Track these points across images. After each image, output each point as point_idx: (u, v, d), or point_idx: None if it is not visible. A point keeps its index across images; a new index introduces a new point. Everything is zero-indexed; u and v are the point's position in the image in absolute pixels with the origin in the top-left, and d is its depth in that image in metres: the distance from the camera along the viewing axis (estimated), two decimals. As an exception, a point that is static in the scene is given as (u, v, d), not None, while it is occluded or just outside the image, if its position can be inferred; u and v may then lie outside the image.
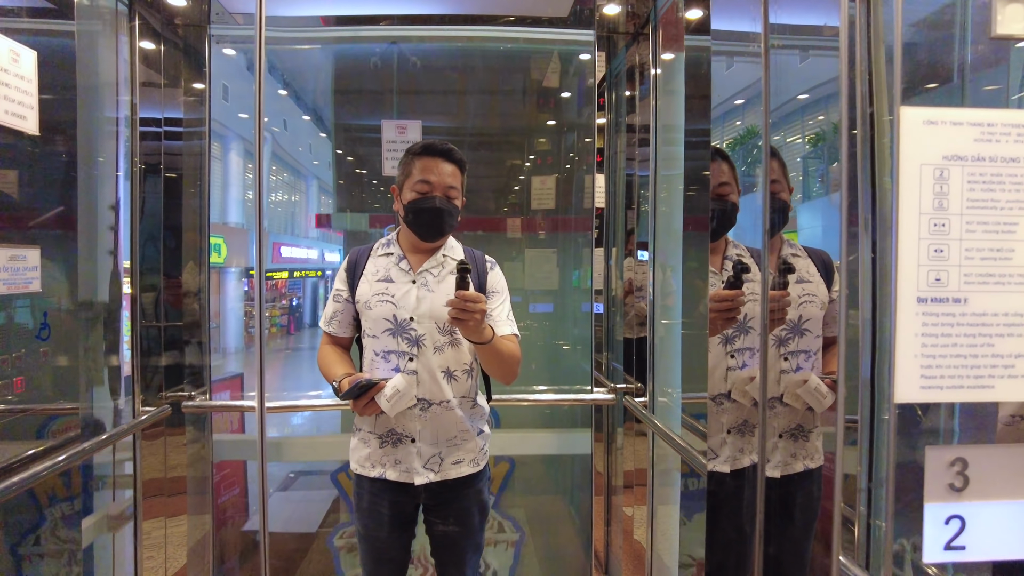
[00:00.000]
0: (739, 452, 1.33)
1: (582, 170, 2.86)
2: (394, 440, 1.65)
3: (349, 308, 1.75)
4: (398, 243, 1.74)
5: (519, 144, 3.01)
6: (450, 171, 1.65)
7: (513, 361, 1.64)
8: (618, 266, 2.55)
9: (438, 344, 1.63)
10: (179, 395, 2.25)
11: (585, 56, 2.65)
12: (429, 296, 1.64)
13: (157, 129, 2.15)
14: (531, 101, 2.95)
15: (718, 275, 1.38)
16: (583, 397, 2.29)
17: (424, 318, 1.62)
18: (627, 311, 2.43)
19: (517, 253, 2.86)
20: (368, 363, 1.69)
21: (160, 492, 2.23)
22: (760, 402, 0.83)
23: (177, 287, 2.25)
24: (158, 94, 2.14)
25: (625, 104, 2.46)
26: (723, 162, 1.36)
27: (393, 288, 1.66)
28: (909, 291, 0.63)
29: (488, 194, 2.98)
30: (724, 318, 1.29)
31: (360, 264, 1.75)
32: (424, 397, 1.62)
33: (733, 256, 1.38)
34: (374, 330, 1.66)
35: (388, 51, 2.78)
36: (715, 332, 1.33)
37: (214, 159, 7.32)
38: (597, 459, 2.54)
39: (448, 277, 1.67)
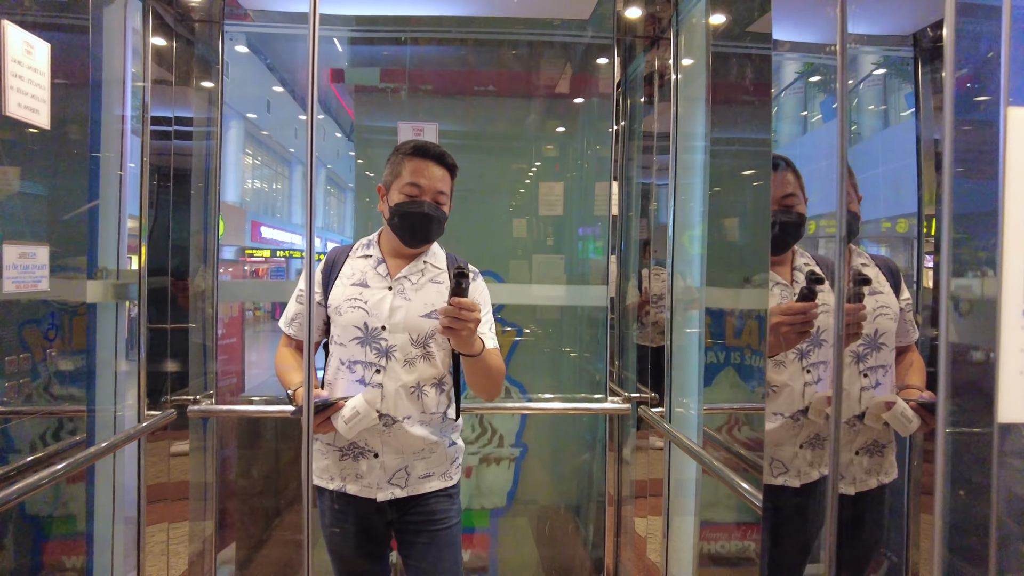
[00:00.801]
0: (809, 466, 1.30)
1: (592, 176, 2.83)
2: (355, 454, 1.54)
3: (320, 312, 1.63)
4: (378, 245, 1.64)
5: (526, 149, 2.98)
6: (441, 176, 1.57)
7: (499, 375, 1.58)
8: (633, 274, 2.51)
9: (409, 357, 1.52)
10: (184, 399, 2.20)
11: (602, 60, 2.62)
12: (405, 305, 1.53)
13: (167, 128, 2.10)
14: (543, 105, 2.92)
15: (788, 287, 1.34)
16: (596, 407, 2.25)
17: (397, 328, 1.52)
18: (643, 320, 2.40)
19: (523, 253, 2.82)
20: (332, 372, 1.58)
21: (163, 497, 2.18)
22: (833, 418, 0.78)
23: (184, 289, 2.20)
24: (169, 92, 2.10)
25: (641, 110, 2.43)
26: (788, 171, 1.31)
27: (367, 294, 1.55)
28: (1015, 303, 0.60)
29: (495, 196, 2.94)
30: (797, 332, 1.23)
31: (337, 265, 1.64)
32: (388, 413, 1.51)
33: (802, 266, 1.34)
34: (342, 337, 1.55)
35: (400, 52, 2.75)
36: (785, 346, 1.27)
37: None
38: (608, 470, 2.50)
39: (427, 285, 1.59)
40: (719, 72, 1.72)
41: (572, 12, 2.26)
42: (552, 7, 2.17)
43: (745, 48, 1.63)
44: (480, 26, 2.53)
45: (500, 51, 2.81)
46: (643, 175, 2.42)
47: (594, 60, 2.69)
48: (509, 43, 2.75)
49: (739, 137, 1.72)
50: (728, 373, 1.76)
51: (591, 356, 2.79)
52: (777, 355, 1.29)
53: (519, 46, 2.75)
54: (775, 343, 1.27)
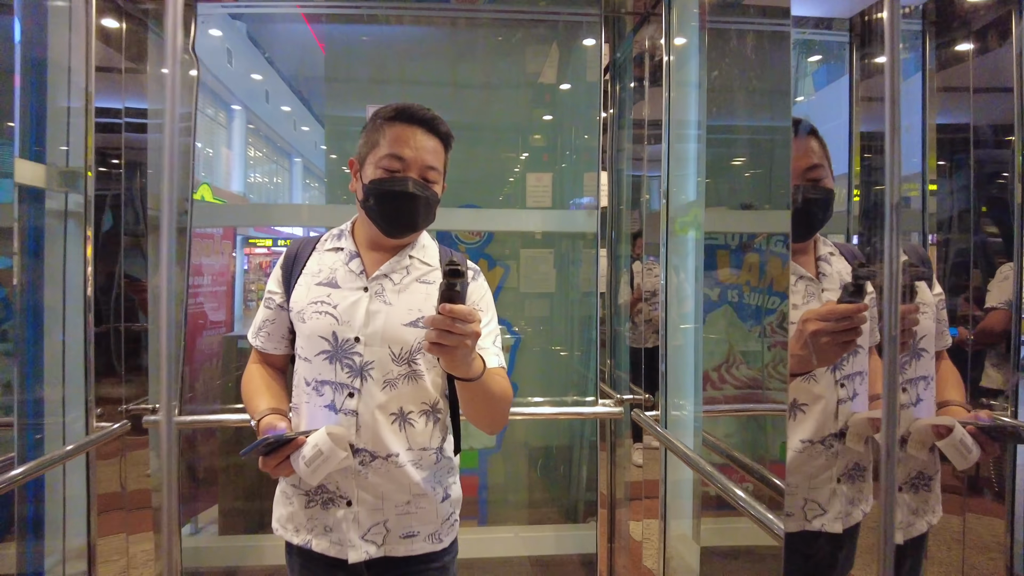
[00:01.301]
0: (850, 504, 1.06)
1: (580, 166, 2.69)
2: (324, 500, 1.23)
3: (283, 317, 1.34)
4: (352, 236, 1.33)
5: (512, 138, 2.84)
6: (431, 147, 1.25)
7: (505, 403, 1.25)
8: (625, 269, 2.39)
9: (390, 376, 1.21)
10: (143, 408, 2.05)
11: (589, 42, 2.47)
12: (384, 310, 1.22)
13: (117, 120, 1.93)
14: (527, 92, 2.77)
15: (815, 282, 1.09)
16: (587, 411, 2.11)
17: (374, 339, 1.21)
18: (636, 318, 2.27)
19: (511, 252, 2.69)
20: (297, 394, 1.28)
21: (120, 506, 2.03)
22: (885, 447, 0.63)
23: (142, 290, 2.04)
24: (118, 80, 1.92)
25: (631, 96, 2.29)
26: (812, 139, 1.07)
27: (337, 296, 1.24)
28: None
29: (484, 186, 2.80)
30: (840, 342, 0.97)
31: (301, 259, 1.33)
32: (365, 448, 1.20)
33: (827, 256, 1.12)
34: (307, 351, 1.25)
35: (375, 31, 2.59)
36: (821, 361, 1.00)
37: (219, 127, 7.25)
38: (601, 473, 2.37)
39: (413, 285, 1.27)
40: (716, 52, 1.58)
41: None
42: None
43: (747, 24, 1.48)
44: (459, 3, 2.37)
45: (482, 33, 2.66)
46: (634, 167, 2.29)
47: (581, 42, 2.54)
48: (492, 26, 2.60)
49: (739, 125, 1.57)
50: (725, 311, 1.62)
51: (582, 355, 2.66)
52: (806, 372, 1.04)
53: (502, 29, 2.60)
54: (804, 358, 0.99)
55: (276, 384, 1.36)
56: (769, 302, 1.33)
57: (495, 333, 1.32)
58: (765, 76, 1.31)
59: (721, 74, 1.54)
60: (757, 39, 1.42)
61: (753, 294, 1.43)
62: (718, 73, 1.55)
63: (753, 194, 1.57)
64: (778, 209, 1.29)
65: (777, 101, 1.34)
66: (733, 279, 1.57)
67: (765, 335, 1.34)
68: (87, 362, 1.90)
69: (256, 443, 1.11)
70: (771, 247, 1.48)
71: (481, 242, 2.66)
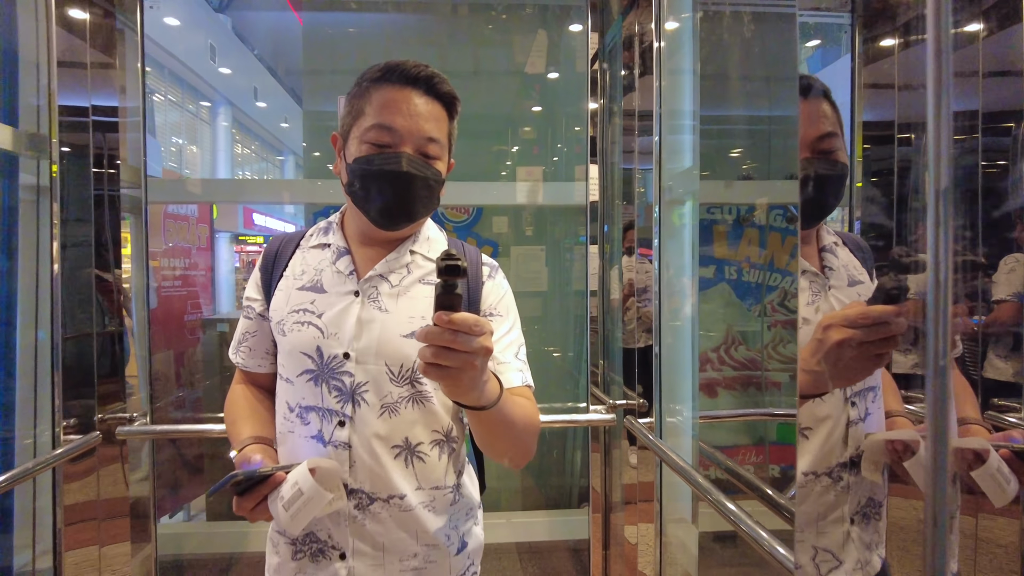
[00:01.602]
0: (867, 549, 0.88)
1: (572, 159, 2.60)
2: (313, 552, 1.03)
3: (265, 329, 1.13)
4: (341, 229, 1.12)
5: (501, 131, 2.74)
6: (430, 113, 1.01)
7: (529, 433, 1.00)
8: (616, 265, 2.30)
9: (389, 400, 1.00)
10: (119, 417, 1.95)
11: (576, 28, 2.37)
12: (379, 319, 1.01)
13: (84, 119, 1.82)
14: (515, 82, 2.68)
15: (820, 278, 0.91)
16: (578, 418, 2.01)
17: (367, 355, 1.00)
18: (627, 316, 2.18)
19: (503, 250, 2.60)
20: (279, 423, 1.08)
21: (93, 516, 1.94)
22: (932, 484, 0.50)
23: (109, 291, 1.94)
24: (83, 76, 1.82)
25: (621, 85, 2.19)
26: (824, 102, 0.89)
27: (322, 303, 1.03)
28: None
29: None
30: (875, 353, 0.75)
31: (282, 259, 1.12)
32: (361, 488, 1.00)
33: (832, 246, 0.94)
34: (289, 370, 1.05)
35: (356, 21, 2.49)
36: (848, 379, 0.81)
37: (203, 123, 7.20)
38: (594, 476, 2.30)
39: (415, 288, 1.05)
40: (710, 36, 1.49)
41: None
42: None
43: (746, 5, 1.38)
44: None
45: (467, 21, 2.56)
46: (625, 159, 2.20)
47: (568, 28, 2.45)
48: (478, 13, 2.50)
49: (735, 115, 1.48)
50: (722, 289, 1.52)
51: (574, 356, 2.58)
52: (820, 394, 0.85)
53: (488, 16, 2.50)
54: (821, 375, 0.79)
55: (262, 407, 1.15)
56: (770, 279, 1.24)
57: (518, 343, 1.09)
58: (765, 61, 1.22)
59: (716, 60, 1.45)
60: (756, 21, 1.33)
61: (753, 271, 1.33)
62: (712, 59, 1.46)
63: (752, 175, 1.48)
64: (776, 180, 1.20)
65: (776, 88, 1.25)
66: (731, 256, 1.47)
67: (766, 314, 1.25)
68: (54, 368, 1.81)
69: (223, 480, 0.90)
70: (771, 221, 1.39)
71: (469, 220, 2.55)
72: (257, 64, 6.88)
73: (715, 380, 1.59)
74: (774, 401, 1.40)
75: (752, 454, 1.64)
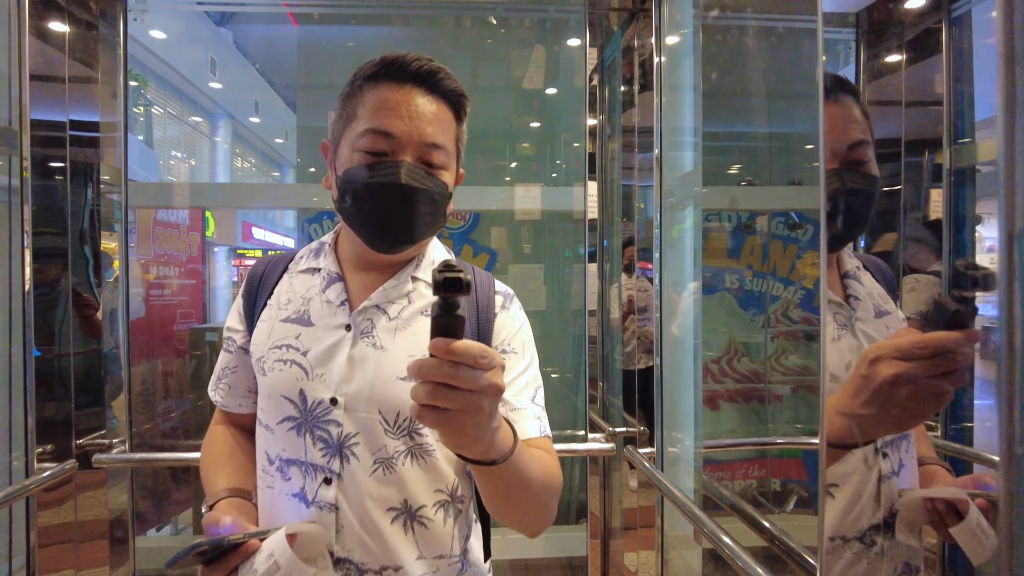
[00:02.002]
0: None
1: (571, 176, 2.54)
2: None
3: (247, 364, 0.99)
4: (334, 251, 0.98)
5: (499, 146, 2.69)
6: (434, 114, 0.87)
7: (548, 494, 0.84)
8: (615, 284, 2.23)
9: (384, 455, 0.86)
10: (98, 443, 1.87)
11: (574, 42, 2.32)
12: (374, 358, 0.87)
13: (60, 134, 1.76)
14: (513, 97, 2.63)
15: (844, 307, 0.79)
16: (576, 448, 1.92)
17: (358, 401, 0.86)
18: (626, 336, 2.10)
19: (500, 266, 2.53)
20: (258, 475, 0.94)
21: (69, 539, 1.85)
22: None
23: (87, 306, 1.86)
24: (60, 90, 1.76)
25: (620, 101, 2.13)
26: (855, 105, 0.78)
27: (308, 337, 0.90)
28: None
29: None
30: (935, 392, 0.62)
31: (268, 284, 0.99)
32: (349, 557, 0.85)
33: (854, 272, 0.82)
34: (268, 416, 0.91)
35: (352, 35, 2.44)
36: (899, 425, 0.68)
37: (202, 136, 7.22)
38: (591, 499, 2.20)
39: (417, 321, 0.90)
40: (712, 51, 1.42)
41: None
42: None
43: (756, 19, 1.31)
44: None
45: (465, 36, 2.51)
46: (625, 176, 2.14)
47: (566, 42, 2.39)
48: (475, 27, 2.45)
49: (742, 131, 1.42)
50: (723, 298, 1.44)
51: (572, 377, 2.50)
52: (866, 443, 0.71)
53: (485, 29, 2.45)
54: (867, 420, 0.66)
55: (243, 453, 1.00)
56: (773, 288, 1.17)
57: (535, 385, 0.93)
58: (770, 75, 1.15)
59: (721, 76, 1.39)
60: (760, 35, 1.27)
61: (756, 280, 1.26)
62: (716, 75, 1.39)
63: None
64: (778, 185, 1.13)
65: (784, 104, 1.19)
66: (732, 264, 1.39)
67: (769, 325, 1.18)
68: (27, 391, 1.73)
69: (186, 550, 0.78)
70: (773, 228, 1.32)
71: (466, 226, 2.47)
72: (258, 78, 6.88)
73: (716, 392, 1.51)
74: (776, 414, 1.32)
75: (754, 467, 1.56)
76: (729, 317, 1.43)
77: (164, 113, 6.36)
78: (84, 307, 1.86)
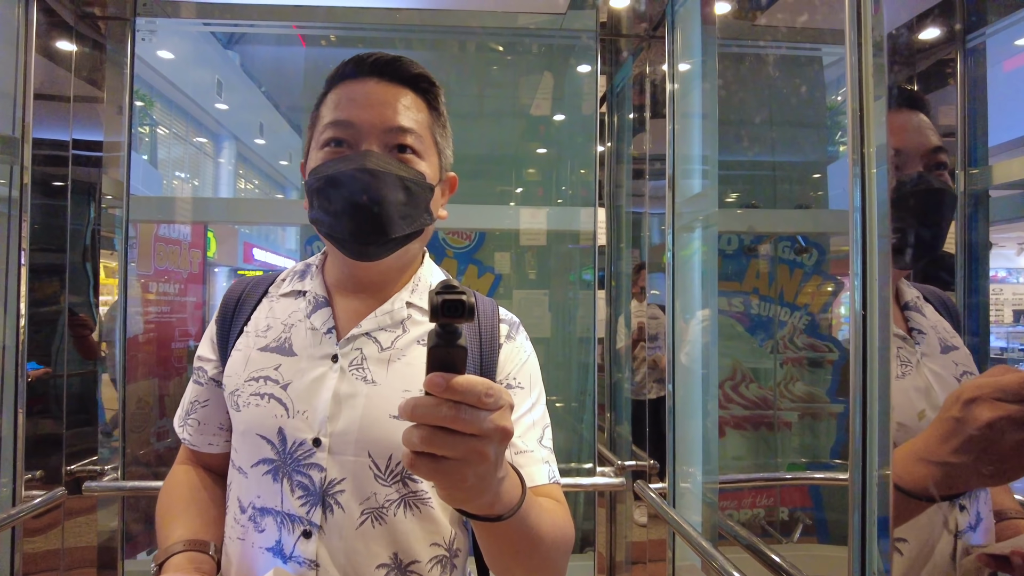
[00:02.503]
0: None
1: (577, 201, 2.52)
2: None
3: (218, 397, 0.89)
4: (321, 274, 0.89)
5: (505, 171, 2.67)
6: (398, 100, 0.80)
7: (559, 552, 0.74)
8: (623, 311, 2.19)
9: (373, 504, 0.76)
10: (89, 470, 1.81)
11: (584, 68, 2.31)
12: (364, 393, 0.78)
13: (63, 153, 1.73)
14: (519, 122, 2.61)
15: (908, 341, 0.70)
16: (584, 482, 1.84)
17: (345, 443, 0.77)
18: (636, 365, 2.06)
19: (504, 291, 2.49)
20: (228, 524, 0.84)
21: (55, 567, 1.78)
22: None
23: (82, 325, 1.81)
24: (64, 109, 1.74)
25: (629, 128, 2.12)
26: (927, 117, 0.72)
27: (289, 369, 0.80)
28: None
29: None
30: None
31: (245, 309, 0.89)
32: None
33: (915, 302, 0.76)
34: (242, 457, 0.81)
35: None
36: (1012, 474, 0.58)
37: (206, 156, 7.20)
38: (599, 533, 2.13)
39: (412, 351, 0.82)
40: (730, 78, 1.40)
41: (547, 5, 1.91)
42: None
43: (769, 47, 1.29)
44: (445, 24, 2.21)
45: (473, 62, 2.51)
46: (635, 203, 2.11)
47: (576, 68, 2.39)
48: (483, 52, 2.45)
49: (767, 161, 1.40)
50: (727, 323, 1.37)
51: (579, 406, 2.44)
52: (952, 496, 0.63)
53: (493, 56, 2.45)
54: (958, 469, 0.57)
55: (207, 498, 0.89)
56: (781, 313, 1.12)
57: (543, 424, 0.84)
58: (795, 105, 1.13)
59: (737, 103, 1.36)
60: (776, 64, 1.25)
61: (763, 304, 1.21)
62: (736, 103, 1.37)
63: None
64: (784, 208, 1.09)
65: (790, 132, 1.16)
66: (736, 287, 1.34)
67: (777, 351, 1.13)
68: (16, 413, 1.66)
69: None
70: (779, 252, 1.28)
71: (471, 246, 2.42)
72: (263, 100, 6.91)
73: (722, 419, 1.46)
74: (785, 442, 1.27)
75: (762, 496, 1.51)
76: (733, 341, 1.38)
77: (169, 133, 6.37)
78: (80, 327, 1.81)
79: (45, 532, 1.77)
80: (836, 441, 1.58)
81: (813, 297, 1.61)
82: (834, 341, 1.60)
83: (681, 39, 1.68)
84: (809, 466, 1.63)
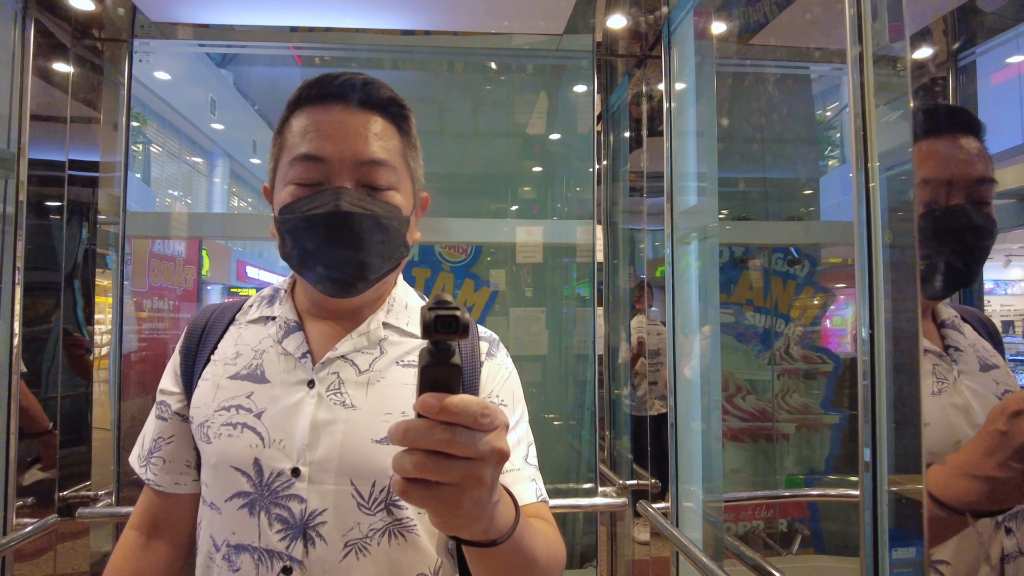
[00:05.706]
0: None
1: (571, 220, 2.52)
2: None
3: (184, 432, 0.84)
4: (291, 298, 0.85)
5: (501, 190, 2.68)
6: (369, 128, 0.76)
7: (551, 571, 0.71)
8: (623, 327, 2.18)
9: (356, 535, 0.73)
10: (83, 496, 1.78)
11: (580, 88, 2.33)
12: (344, 419, 0.75)
13: (59, 174, 1.72)
14: (516, 141, 2.63)
15: (944, 358, 0.70)
16: (585, 502, 1.82)
17: (326, 471, 0.74)
18: (637, 381, 2.05)
19: (500, 309, 2.48)
20: (199, 565, 0.80)
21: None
22: None
23: (76, 345, 1.79)
24: (61, 129, 1.74)
25: (625, 146, 2.13)
26: (980, 142, 0.71)
27: (263, 397, 0.77)
28: None
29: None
30: None
31: (211, 337, 0.85)
32: None
33: (952, 321, 0.75)
34: (214, 492, 0.77)
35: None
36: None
37: (199, 175, 7.15)
38: (600, 550, 2.10)
39: (391, 372, 0.79)
40: (728, 96, 1.41)
41: (544, 26, 1.93)
42: (519, 18, 1.84)
43: (766, 65, 1.30)
44: (440, 44, 2.23)
45: (467, 80, 2.52)
46: (632, 220, 2.12)
47: (572, 88, 2.41)
48: (478, 72, 2.47)
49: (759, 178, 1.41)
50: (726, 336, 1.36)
51: (576, 424, 2.43)
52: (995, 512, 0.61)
53: (489, 75, 2.47)
54: (1003, 485, 0.56)
55: (170, 551, 0.84)
56: (777, 324, 1.11)
57: (527, 441, 0.81)
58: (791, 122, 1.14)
59: (735, 121, 1.37)
60: (773, 82, 1.26)
61: (757, 315, 1.20)
62: (730, 120, 1.38)
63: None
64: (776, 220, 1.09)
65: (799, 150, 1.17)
66: (724, 299, 1.34)
67: (775, 362, 1.12)
68: (8, 436, 1.63)
69: None
70: (773, 265, 1.28)
71: (467, 260, 2.41)
72: (257, 118, 6.93)
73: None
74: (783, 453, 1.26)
75: (761, 508, 1.50)
76: (725, 353, 1.38)
77: (163, 152, 6.37)
78: (74, 347, 1.79)
79: (35, 559, 1.73)
80: (831, 452, 1.58)
81: (805, 309, 1.61)
82: (827, 352, 1.60)
83: (677, 58, 1.70)
84: (807, 477, 1.63)
